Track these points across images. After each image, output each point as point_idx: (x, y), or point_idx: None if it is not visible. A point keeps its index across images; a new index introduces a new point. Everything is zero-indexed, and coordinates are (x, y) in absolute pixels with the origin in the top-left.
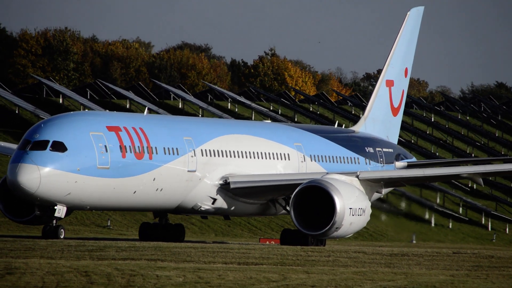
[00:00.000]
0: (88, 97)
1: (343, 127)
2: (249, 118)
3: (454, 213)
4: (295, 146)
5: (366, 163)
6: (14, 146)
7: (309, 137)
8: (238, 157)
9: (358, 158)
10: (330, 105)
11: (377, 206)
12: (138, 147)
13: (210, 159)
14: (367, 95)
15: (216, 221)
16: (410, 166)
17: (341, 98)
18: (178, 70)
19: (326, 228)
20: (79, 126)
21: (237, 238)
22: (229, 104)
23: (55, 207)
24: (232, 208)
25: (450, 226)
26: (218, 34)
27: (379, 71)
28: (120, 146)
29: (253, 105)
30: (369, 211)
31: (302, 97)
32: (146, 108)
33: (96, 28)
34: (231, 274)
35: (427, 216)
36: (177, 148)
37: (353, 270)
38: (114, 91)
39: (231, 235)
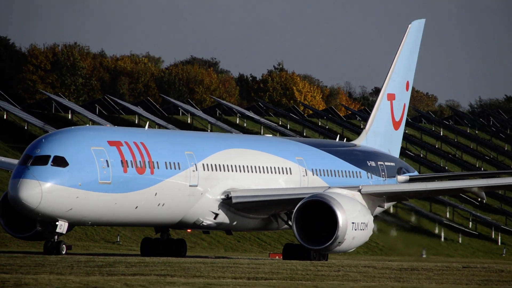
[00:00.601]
0: (97, 113)
1: (344, 140)
2: (258, 133)
3: (463, 228)
4: (296, 160)
5: (368, 177)
6: (15, 161)
7: (311, 151)
8: (240, 171)
9: (359, 172)
10: (339, 120)
11: (386, 220)
12: (140, 161)
13: (211, 173)
14: None
15: (225, 236)
16: (412, 180)
17: (350, 112)
18: (186, 85)
19: (329, 243)
20: (80, 141)
21: (246, 253)
22: (237, 119)
23: (57, 223)
24: (234, 223)
25: (460, 241)
26: (225, 48)
27: None
28: (121, 161)
29: (262, 120)
30: (371, 225)
31: (311, 111)
32: (147, 123)
33: (105, 43)
34: None
35: (436, 231)
36: (178, 163)
37: (362, 284)
38: (122, 107)
39: (241, 250)
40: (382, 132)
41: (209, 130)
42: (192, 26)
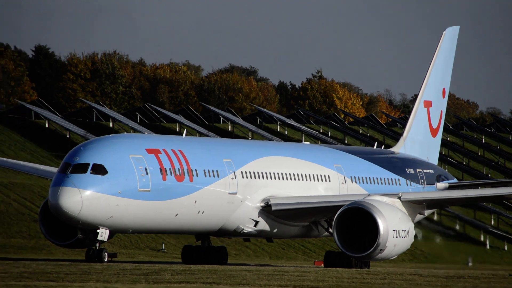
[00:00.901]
0: (138, 121)
1: (382, 147)
2: (298, 141)
3: (509, 235)
4: (335, 168)
5: (407, 185)
6: (55, 170)
7: (349, 159)
8: (279, 178)
9: (398, 179)
10: (380, 127)
11: (431, 228)
12: (178, 169)
13: (250, 181)
14: None
15: (270, 244)
16: (451, 187)
17: (391, 120)
18: (226, 93)
19: (370, 250)
20: (118, 149)
21: (291, 261)
22: (278, 127)
23: (98, 230)
24: (275, 230)
25: (506, 248)
26: (264, 56)
27: None
28: (160, 168)
29: (303, 127)
30: (412, 232)
31: (351, 119)
32: (185, 130)
33: (144, 52)
34: None
35: (482, 238)
36: (217, 170)
37: None
38: (163, 115)
39: (286, 258)
40: (420, 139)
41: (250, 138)
42: (231, 34)
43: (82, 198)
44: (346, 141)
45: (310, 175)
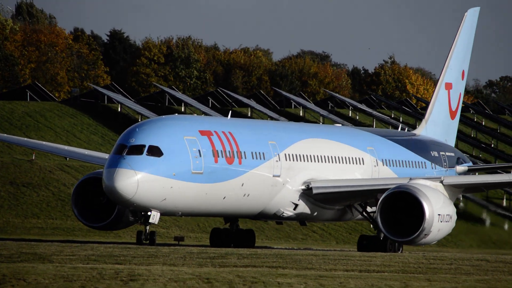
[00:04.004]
0: (210, 105)
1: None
2: (370, 126)
3: None
4: (368, 150)
5: (432, 167)
6: (105, 156)
7: (380, 141)
8: (317, 161)
9: (424, 162)
10: None
11: (500, 214)
12: (229, 151)
13: (292, 163)
14: (490, 102)
15: (337, 229)
16: (470, 170)
17: (464, 105)
18: (299, 78)
19: (415, 235)
20: (173, 130)
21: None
22: (350, 112)
23: (149, 213)
24: (314, 213)
25: None
26: (336, 42)
27: (502, 78)
28: (212, 150)
29: (374, 113)
30: (455, 217)
31: (423, 104)
32: (230, 111)
33: (217, 36)
34: (352, 282)
35: None
36: (263, 153)
37: (476, 278)
38: (235, 99)
39: (352, 243)
40: (440, 122)
41: (321, 123)
42: (303, 20)
43: (138, 180)
44: (417, 126)
45: (346, 158)
